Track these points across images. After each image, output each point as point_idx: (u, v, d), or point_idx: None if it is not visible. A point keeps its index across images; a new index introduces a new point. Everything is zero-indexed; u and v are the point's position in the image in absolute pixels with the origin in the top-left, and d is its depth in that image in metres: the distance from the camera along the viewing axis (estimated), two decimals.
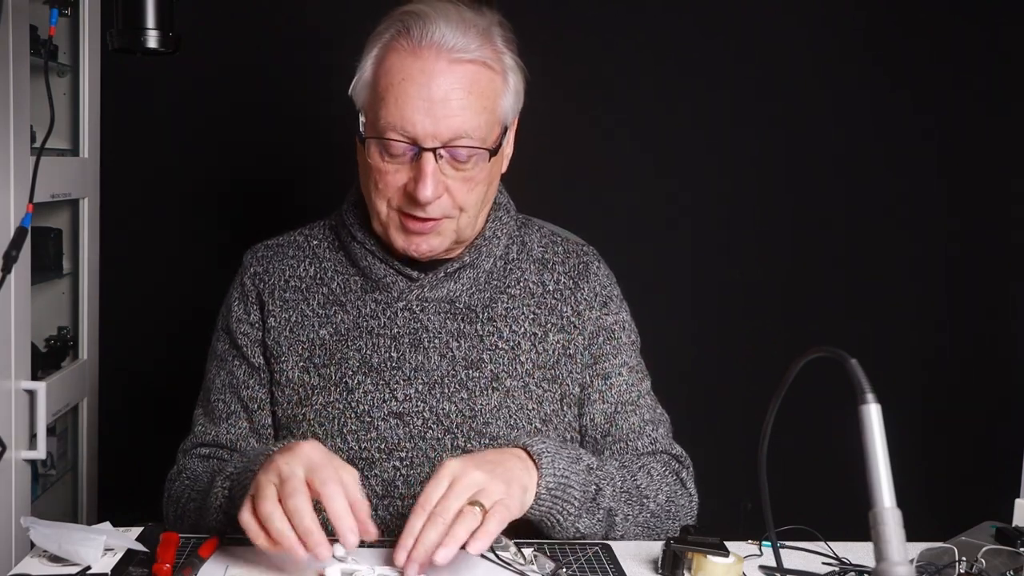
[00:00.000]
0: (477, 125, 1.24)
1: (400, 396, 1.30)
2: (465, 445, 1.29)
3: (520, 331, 1.35)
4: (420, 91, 1.22)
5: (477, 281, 1.36)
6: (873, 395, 0.78)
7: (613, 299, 1.43)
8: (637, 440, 1.38)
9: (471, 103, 1.24)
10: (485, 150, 1.26)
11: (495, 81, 1.28)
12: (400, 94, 1.23)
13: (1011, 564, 1.16)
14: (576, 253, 1.44)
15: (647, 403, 1.42)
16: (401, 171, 1.26)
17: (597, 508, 1.22)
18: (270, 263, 1.40)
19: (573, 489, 1.19)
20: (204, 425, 1.38)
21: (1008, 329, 2.29)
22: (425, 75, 1.22)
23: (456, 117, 1.23)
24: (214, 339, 1.43)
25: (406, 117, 1.22)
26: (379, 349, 1.32)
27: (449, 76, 1.23)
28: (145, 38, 1.17)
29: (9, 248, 1.20)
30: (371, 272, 1.35)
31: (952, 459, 2.26)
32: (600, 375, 1.38)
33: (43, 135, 1.30)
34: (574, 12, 2.13)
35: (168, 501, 1.35)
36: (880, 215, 2.25)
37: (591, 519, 1.22)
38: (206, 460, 1.36)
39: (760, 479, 0.95)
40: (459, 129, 1.23)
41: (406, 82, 1.23)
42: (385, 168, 1.26)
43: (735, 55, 2.18)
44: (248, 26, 2.09)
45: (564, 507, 1.19)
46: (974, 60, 2.20)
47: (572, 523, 1.21)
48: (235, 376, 1.37)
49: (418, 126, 1.22)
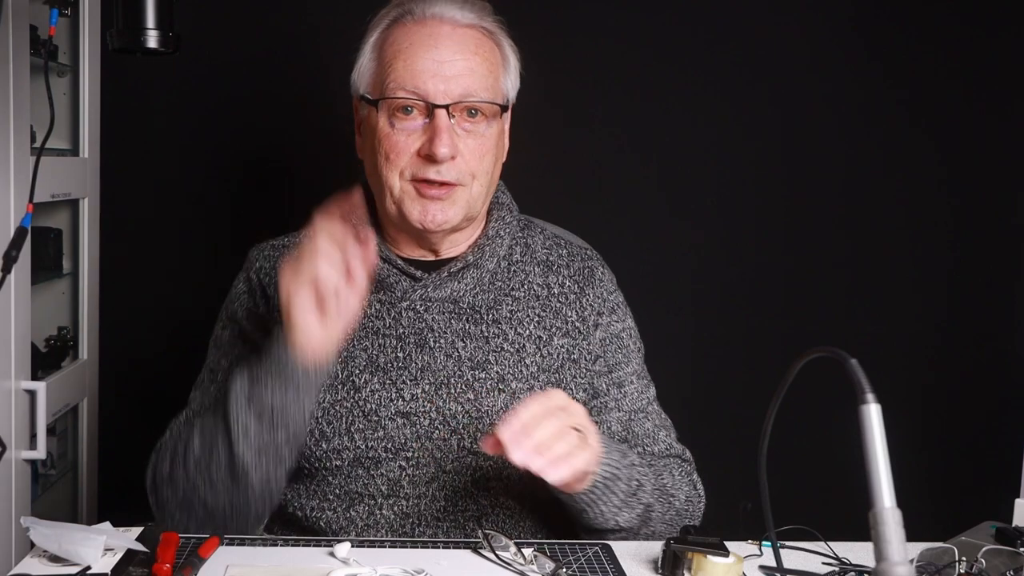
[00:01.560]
0: (485, 85, 1.29)
1: (407, 396, 1.31)
2: (471, 445, 1.30)
3: (525, 334, 1.35)
4: (428, 52, 1.27)
5: (481, 281, 1.36)
6: (873, 395, 0.78)
7: (619, 306, 1.45)
8: (653, 445, 1.40)
9: (477, 63, 1.29)
10: (497, 105, 1.31)
11: (495, 52, 1.33)
12: (409, 56, 1.27)
13: (1011, 564, 1.16)
14: (580, 257, 1.45)
15: (655, 409, 1.45)
16: (413, 136, 1.28)
17: (637, 503, 1.25)
18: (277, 261, 1.40)
19: (620, 482, 1.23)
20: (200, 400, 1.35)
21: (1008, 329, 2.29)
22: (432, 38, 1.28)
23: (464, 76, 1.27)
24: (218, 328, 1.42)
25: (417, 76, 1.26)
26: (385, 349, 1.32)
27: (454, 38, 1.29)
28: (145, 38, 1.17)
29: (9, 248, 1.20)
30: (375, 272, 1.35)
31: (952, 459, 2.26)
32: (615, 383, 1.40)
33: (43, 135, 1.30)
34: (573, 12, 2.12)
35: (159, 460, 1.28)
36: (880, 215, 2.25)
37: (631, 513, 1.25)
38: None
39: (760, 479, 0.95)
40: (468, 86, 1.28)
41: (414, 46, 1.28)
42: (396, 135, 1.28)
43: (735, 55, 2.17)
44: (248, 26, 2.08)
45: (610, 498, 1.22)
46: (975, 59, 2.20)
47: (614, 515, 1.24)
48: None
49: (429, 84, 1.26)
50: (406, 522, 1.29)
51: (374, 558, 1.13)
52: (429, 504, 1.30)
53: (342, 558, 1.13)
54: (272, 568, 1.10)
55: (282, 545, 1.18)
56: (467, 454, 1.29)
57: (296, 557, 1.14)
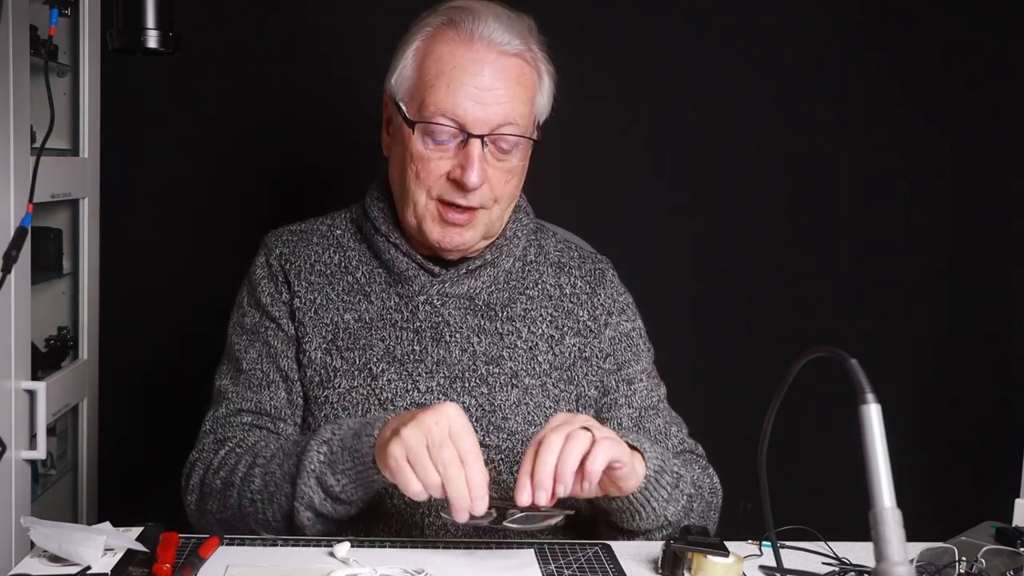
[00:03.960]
0: (522, 114, 1.30)
1: (422, 388, 1.32)
2: (484, 439, 1.31)
3: (538, 332, 1.38)
4: (472, 79, 1.27)
5: (497, 280, 1.39)
6: (873, 395, 0.78)
7: (629, 306, 1.48)
8: (667, 441, 1.41)
9: (517, 93, 1.30)
10: (528, 139, 1.32)
11: (534, 77, 1.34)
12: (451, 80, 1.27)
13: (1011, 564, 1.16)
14: (591, 259, 1.48)
15: (666, 407, 1.46)
16: (445, 158, 1.29)
17: (681, 495, 1.25)
18: (296, 246, 1.41)
19: (667, 475, 1.23)
20: (240, 393, 1.35)
21: (1008, 329, 2.29)
22: (476, 64, 1.28)
23: (504, 105, 1.28)
24: (238, 315, 1.41)
25: (457, 103, 1.27)
26: (402, 341, 1.34)
27: (497, 66, 1.29)
28: (145, 38, 1.17)
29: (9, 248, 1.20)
30: (394, 265, 1.37)
31: (952, 459, 2.26)
32: (624, 380, 1.42)
33: (43, 135, 1.30)
34: (575, 12, 2.12)
35: (209, 471, 1.29)
36: (881, 215, 2.25)
37: (676, 506, 1.25)
38: (254, 430, 1.32)
39: (760, 479, 0.95)
40: (506, 117, 1.28)
41: (457, 70, 1.28)
42: (429, 156, 1.29)
43: (735, 56, 2.17)
44: (248, 26, 2.08)
45: (659, 492, 1.22)
46: (975, 58, 2.20)
47: (663, 508, 1.23)
48: (272, 346, 1.36)
49: (468, 112, 1.27)
50: (415, 512, 1.30)
51: (374, 558, 1.13)
52: None
53: (342, 558, 1.13)
54: (272, 568, 1.10)
55: (282, 545, 1.17)
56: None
57: (296, 557, 1.14)
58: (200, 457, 1.33)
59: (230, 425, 1.34)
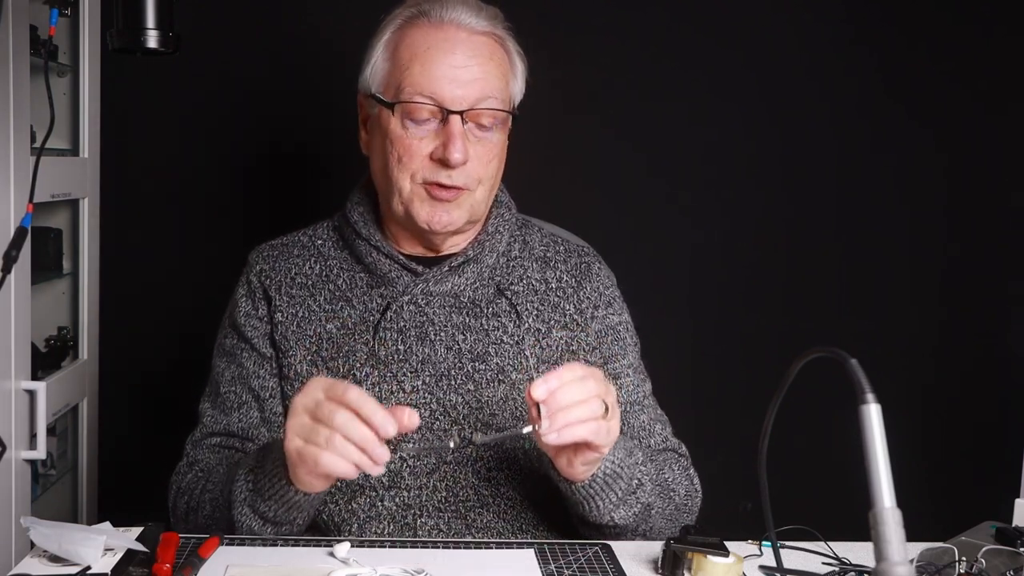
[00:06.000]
0: (498, 88, 1.32)
1: (408, 388, 1.32)
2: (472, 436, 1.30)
3: (524, 327, 1.37)
4: (445, 57, 1.29)
5: (481, 276, 1.38)
6: (873, 395, 0.78)
7: (616, 300, 1.47)
8: (649, 438, 1.41)
9: (491, 69, 1.31)
10: (507, 112, 1.33)
11: (506, 59, 1.35)
12: (426, 60, 1.29)
13: (1011, 564, 1.16)
14: (577, 253, 1.47)
15: (651, 403, 1.46)
16: (426, 139, 1.30)
17: (636, 501, 1.25)
18: (276, 261, 1.41)
19: (621, 480, 1.23)
20: (213, 416, 1.38)
21: (1008, 329, 2.29)
22: (449, 43, 1.30)
23: (480, 80, 1.29)
24: (220, 336, 1.43)
25: (434, 81, 1.28)
26: (386, 343, 1.33)
27: (469, 44, 1.31)
28: (145, 38, 1.17)
29: (9, 248, 1.20)
30: (376, 268, 1.37)
31: (952, 459, 2.26)
32: (611, 375, 1.41)
33: (43, 135, 1.30)
34: (573, 11, 2.12)
35: (178, 494, 1.34)
36: (879, 215, 2.25)
37: (627, 511, 1.25)
38: (218, 451, 1.35)
39: (760, 479, 0.95)
40: (483, 91, 1.30)
41: (432, 50, 1.29)
42: (409, 138, 1.30)
43: (733, 56, 2.17)
44: (249, 26, 2.08)
45: (608, 495, 1.22)
46: (972, 59, 2.20)
47: (610, 512, 1.24)
48: (244, 368, 1.37)
49: (445, 90, 1.28)
50: (407, 513, 1.30)
51: (374, 558, 1.13)
52: (430, 495, 1.30)
53: (342, 558, 1.13)
54: (272, 568, 1.10)
55: (282, 545, 1.18)
56: (467, 444, 1.30)
57: (296, 557, 1.14)
58: (175, 479, 1.36)
59: (201, 447, 1.37)
